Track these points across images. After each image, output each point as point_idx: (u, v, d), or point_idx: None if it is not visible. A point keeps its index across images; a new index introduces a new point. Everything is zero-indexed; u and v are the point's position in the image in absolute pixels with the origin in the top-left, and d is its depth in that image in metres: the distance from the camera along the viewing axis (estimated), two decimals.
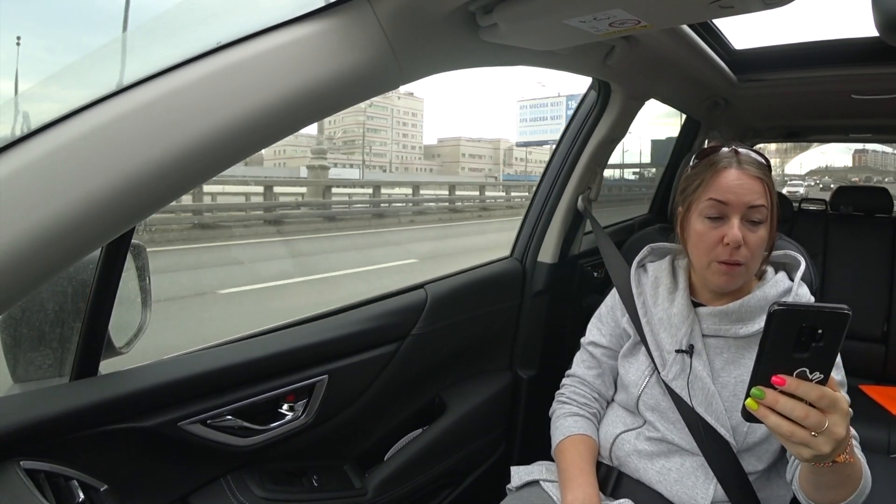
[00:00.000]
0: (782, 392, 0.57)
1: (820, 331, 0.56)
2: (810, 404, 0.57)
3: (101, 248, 0.72)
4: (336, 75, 0.56)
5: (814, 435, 0.57)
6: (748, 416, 0.60)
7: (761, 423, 0.59)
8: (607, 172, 1.49)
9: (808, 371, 0.57)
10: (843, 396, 0.59)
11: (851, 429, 0.80)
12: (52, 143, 0.48)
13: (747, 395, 0.59)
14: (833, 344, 0.56)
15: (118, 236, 0.53)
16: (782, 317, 0.56)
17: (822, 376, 0.57)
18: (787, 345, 0.57)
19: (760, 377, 0.58)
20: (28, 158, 0.47)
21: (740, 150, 0.86)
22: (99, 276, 0.73)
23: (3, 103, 0.56)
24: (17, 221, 0.45)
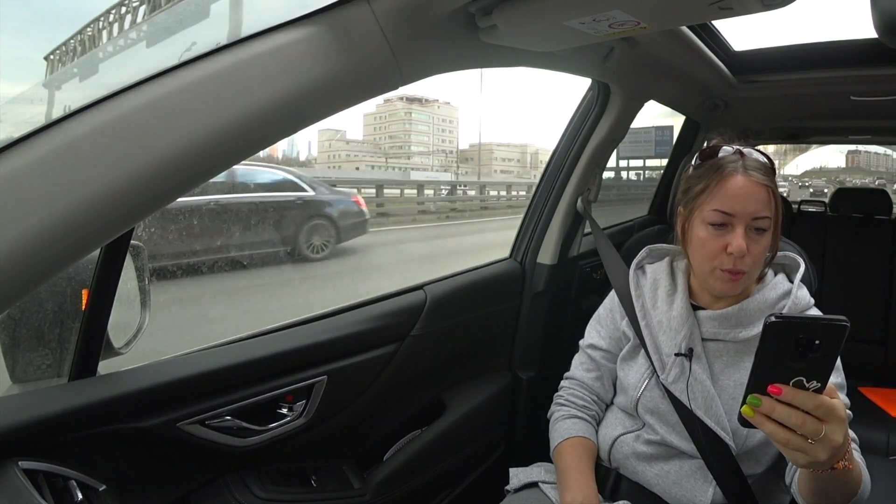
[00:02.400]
0: (779, 400, 0.57)
1: (817, 342, 0.55)
2: (807, 412, 0.57)
3: (100, 249, 0.72)
4: (335, 76, 0.56)
5: (811, 442, 0.57)
6: (744, 423, 0.60)
7: (757, 429, 0.59)
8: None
9: (804, 380, 0.56)
10: (842, 404, 0.59)
11: (851, 432, 0.79)
12: (52, 144, 0.48)
13: (743, 402, 0.59)
14: (831, 355, 0.56)
15: (117, 237, 0.53)
16: (778, 329, 0.55)
17: (820, 385, 0.57)
18: (784, 355, 0.56)
19: (757, 385, 0.58)
20: (28, 158, 0.47)
21: (745, 152, 0.84)
22: (98, 277, 0.73)
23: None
24: (17, 221, 0.45)
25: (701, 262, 0.85)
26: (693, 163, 0.90)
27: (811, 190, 28.42)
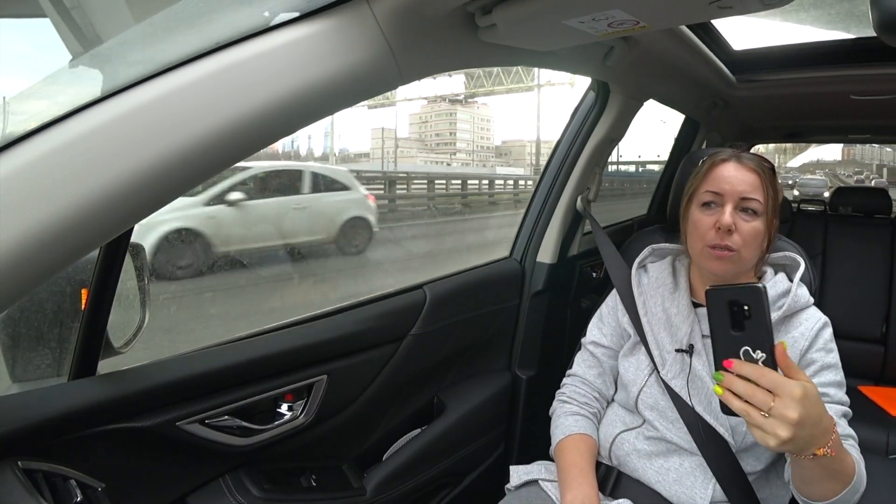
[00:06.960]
0: (735, 375, 0.62)
1: (746, 306, 0.62)
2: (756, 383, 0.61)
3: (99, 248, 0.72)
4: (335, 76, 0.56)
5: (765, 416, 0.60)
6: (725, 409, 0.64)
7: (733, 412, 0.62)
8: None
9: (751, 350, 0.62)
10: (796, 382, 0.61)
11: (849, 428, 0.80)
12: (52, 143, 0.48)
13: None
14: (760, 318, 0.62)
15: (117, 236, 0.53)
16: (713, 296, 0.65)
17: (765, 356, 0.62)
18: (726, 324, 0.63)
19: (718, 363, 0.64)
20: (28, 158, 0.47)
21: (741, 149, 0.91)
22: (97, 276, 0.73)
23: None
24: (17, 221, 0.45)
25: (693, 242, 0.89)
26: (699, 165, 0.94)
27: (795, 192, 16.62)
